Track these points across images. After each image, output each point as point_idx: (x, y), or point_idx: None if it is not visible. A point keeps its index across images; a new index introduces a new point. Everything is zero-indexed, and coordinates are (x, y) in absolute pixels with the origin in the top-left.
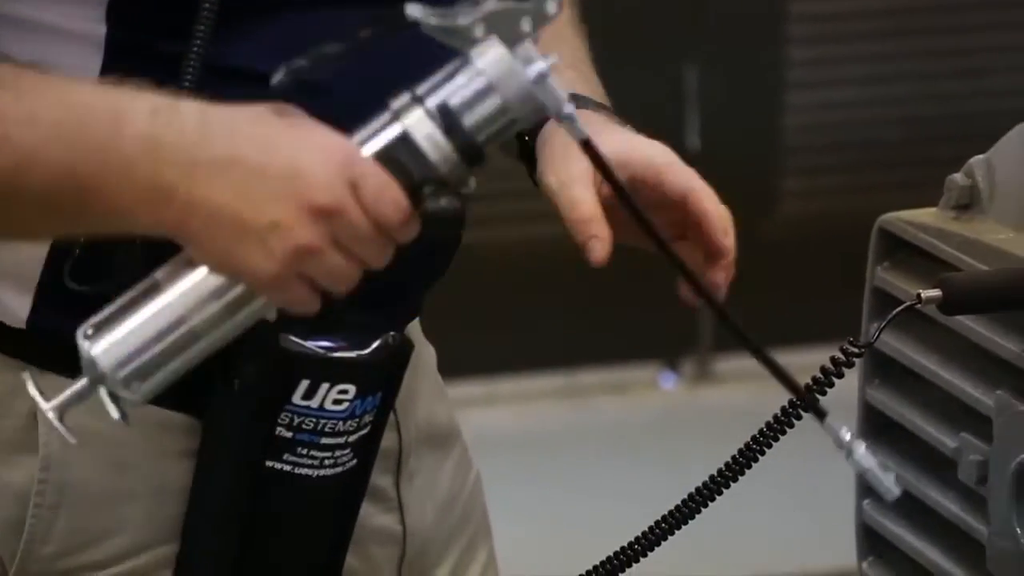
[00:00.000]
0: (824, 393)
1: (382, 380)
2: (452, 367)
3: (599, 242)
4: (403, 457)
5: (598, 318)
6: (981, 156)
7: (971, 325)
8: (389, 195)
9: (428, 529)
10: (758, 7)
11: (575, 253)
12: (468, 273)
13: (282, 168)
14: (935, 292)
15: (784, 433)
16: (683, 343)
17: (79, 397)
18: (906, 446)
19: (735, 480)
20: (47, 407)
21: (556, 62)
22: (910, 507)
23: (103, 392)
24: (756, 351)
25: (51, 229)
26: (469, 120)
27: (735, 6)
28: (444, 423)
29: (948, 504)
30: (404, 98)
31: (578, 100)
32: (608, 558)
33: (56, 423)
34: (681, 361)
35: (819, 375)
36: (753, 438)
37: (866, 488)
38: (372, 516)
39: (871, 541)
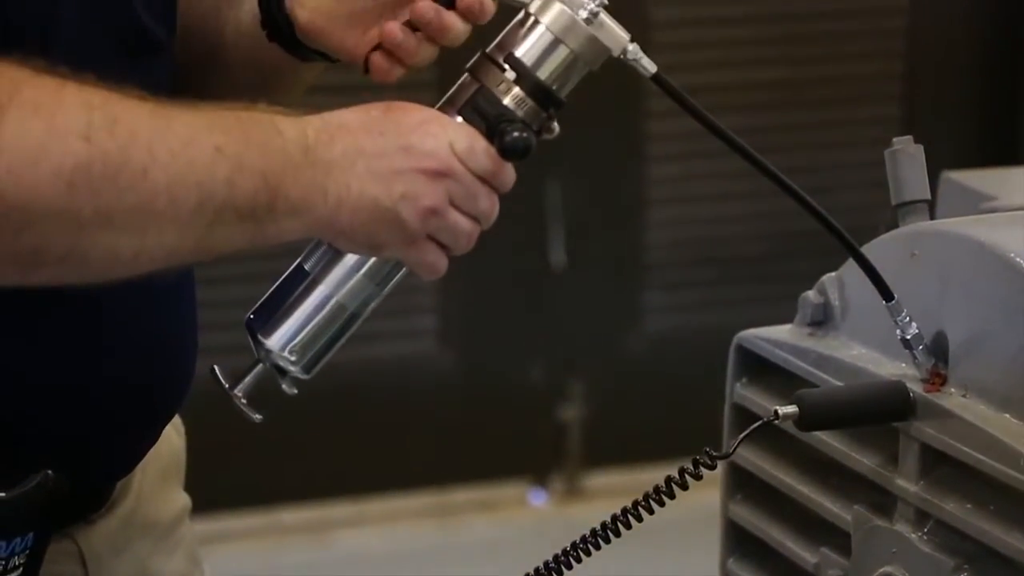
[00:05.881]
0: (673, 497)
1: (34, 521)
2: (322, 488)
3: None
4: None
5: (466, 436)
6: (833, 274)
7: (827, 440)
8: (478, 146)
9: None
10: (619, 125)
11: (443, 371)
12: (337, 391)
13: (396, 148)
14: (791, 408)
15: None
16: (551, 459)
17: (257, 379)
18: (769, 561)
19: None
20: (236, 392)
21: (605, 2)
22: None
23: (276, 372)
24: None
25: (237, 243)
26: (543, 73)
27: (596, 124)
28: None
29: None
30: (476, 57)
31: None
32: None
33: (241, 405)
34: (550, 477)
35: (662, 485)
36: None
37: None
38: None
39: None
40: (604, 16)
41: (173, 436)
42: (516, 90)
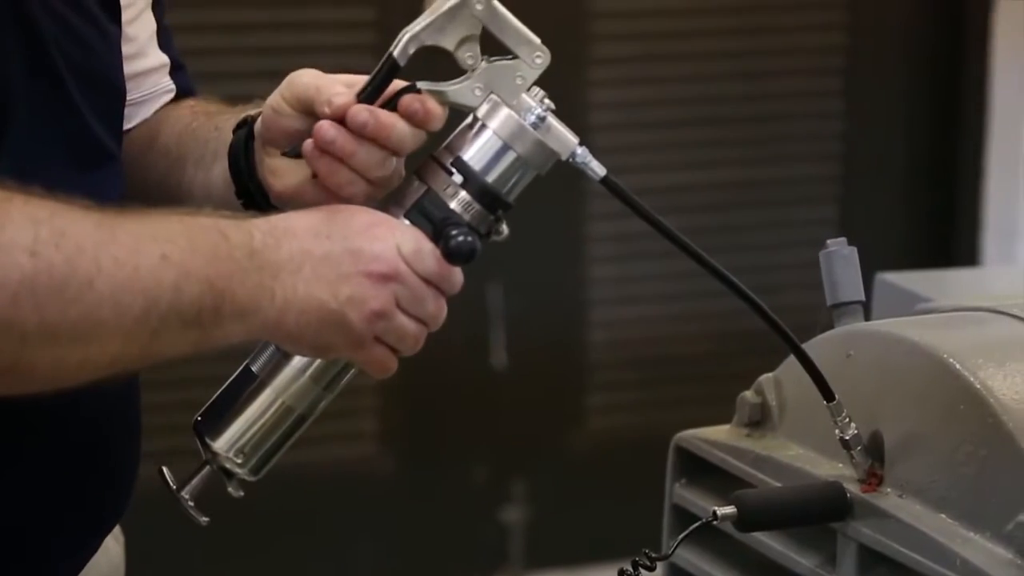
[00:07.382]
0: None
1: None
2: None
3: None
4: None
5: (408, 538)
6: (770, 374)
7: (766, 540)
8: (425, 248)
9: None
10: (559, 225)
11: (384, 473)
12: (278, 495)
13: (342, 251)
14: (730, 509)
15: None
16: (494, 561)
17: (205, 481)
18: None
19: None
20: (183, 494)
21: (552, 107)
22: None
23: (223, 474)
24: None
25: (183, 348)
26: (491, 177)
27: (537, 224)
28: None
29: None
30: (424, 160)
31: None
32: None
33: (188, 507)
34: None
35: None
36: None
37: None
38: None
39: None
40: (552, 120)
41: (111, 544)
42: (463, 194)
